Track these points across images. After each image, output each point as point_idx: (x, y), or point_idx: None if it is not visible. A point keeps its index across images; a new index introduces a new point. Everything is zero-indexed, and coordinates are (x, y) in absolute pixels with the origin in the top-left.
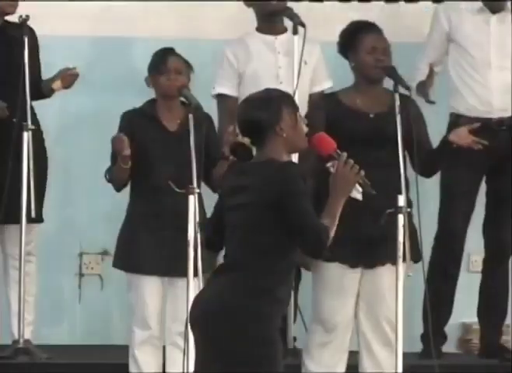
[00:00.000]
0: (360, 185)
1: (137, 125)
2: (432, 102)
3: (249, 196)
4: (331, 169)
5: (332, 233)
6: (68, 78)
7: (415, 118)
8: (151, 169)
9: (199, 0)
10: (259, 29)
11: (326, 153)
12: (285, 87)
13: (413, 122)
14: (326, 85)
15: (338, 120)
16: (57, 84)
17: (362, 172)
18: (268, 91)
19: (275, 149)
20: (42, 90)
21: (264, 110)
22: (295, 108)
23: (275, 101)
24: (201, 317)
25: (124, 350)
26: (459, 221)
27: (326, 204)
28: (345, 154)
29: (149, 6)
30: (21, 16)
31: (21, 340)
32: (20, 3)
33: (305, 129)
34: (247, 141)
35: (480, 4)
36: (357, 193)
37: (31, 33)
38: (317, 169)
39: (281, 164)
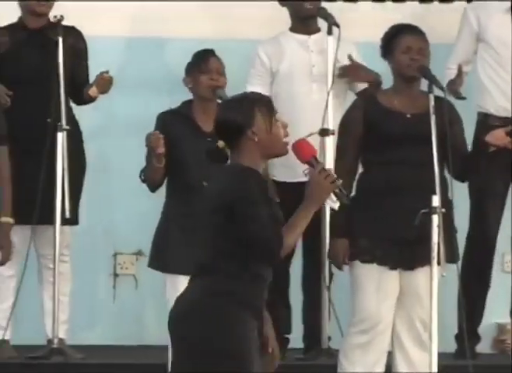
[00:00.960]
0: (336, 194)
1: (172, 125)
2: (463, 98)
3: (208, 201)
4: (306, 177)
5: (291, 240)
6: (102, 82)
7: (451, 120)
8: (184, 169)
9: (234, 0)
10: (292, 29)
11: (304, 159)
12: (319, 85)
13: (449, 124)
14: None
15: (376, 120)
16: (93, 90)
17: (340, 182)
18: (244, 93)
19: (247, 153)
20: (83, 96)
21: (236, 112)
22: (271, 111)
23: (248, 103)
24: (171, 318)
25: (158, 350)
26: (491, 222)
27: (296, 210)
28: (322, 162)
29: (183, 6)
30: (55, 17)
31: (55, 340)
32: (56, 3)
33: (283, 133)
34: (221, 143)
35: (509, 4)
36: (332, 203)
37: (78, 37)
38: (353, 169)
39: (238, 169)
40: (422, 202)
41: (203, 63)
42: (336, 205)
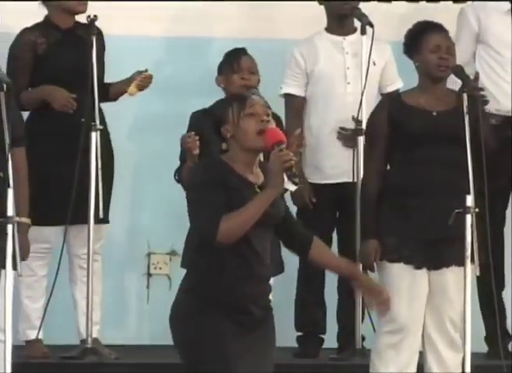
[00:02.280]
0: (287, 176)
1: (205, 125)
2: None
3: None
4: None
5: (230, 224)
6: (142, 81)
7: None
8: None
9: (275, 0)
10: (328, 29)
11: (269, 144)
12: (353, 87)
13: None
14: (399, 84)
15: (401, 118)
16: (132, 89)
17: (292, 162)
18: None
19: (230, 148)
20: (108, 93)
21: (217, 113)
22: (240, 106)
23: (225, 103)
24: None
25: None
26: (497, 220)
27: None
28: (282, 147)
29: (221, 7)
30: (89, 16)
31: (89, 340)
32: (92, 3)
33: (255, 126)
34: (224, 145)
35: (508, 5)
36: (288, 185)
37: (98, 35)
38: (381, 169)
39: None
40: (449, 201)
41: (235, 62)
42: (291, 187)
